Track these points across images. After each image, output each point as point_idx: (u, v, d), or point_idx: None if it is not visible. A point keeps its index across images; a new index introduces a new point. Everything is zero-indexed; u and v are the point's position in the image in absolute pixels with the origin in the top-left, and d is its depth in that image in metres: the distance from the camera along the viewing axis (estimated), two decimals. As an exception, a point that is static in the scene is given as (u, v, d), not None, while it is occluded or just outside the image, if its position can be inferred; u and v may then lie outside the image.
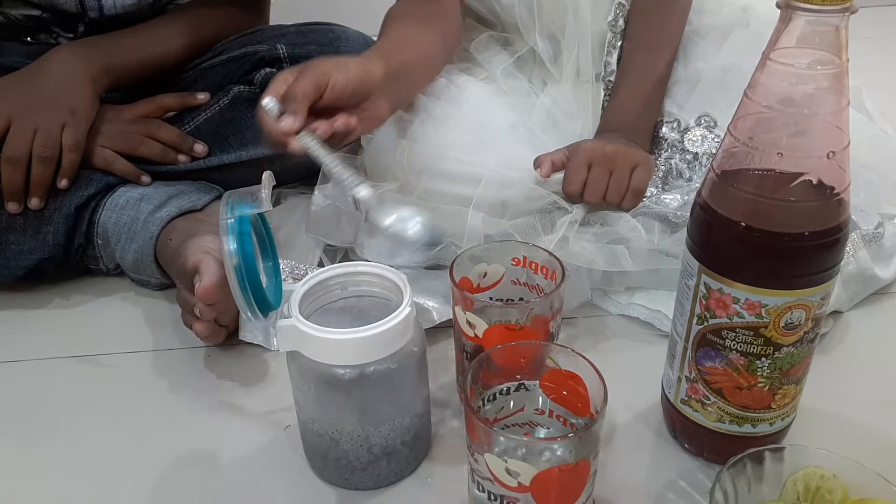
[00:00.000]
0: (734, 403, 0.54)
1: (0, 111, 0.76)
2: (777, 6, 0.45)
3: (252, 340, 0.72)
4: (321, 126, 0.62)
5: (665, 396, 0.59)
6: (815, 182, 0.46)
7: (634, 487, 0.57)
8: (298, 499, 0.57)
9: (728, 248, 0.49)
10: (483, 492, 0.48)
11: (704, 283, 0.51)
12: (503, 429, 0.52)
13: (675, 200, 0.75)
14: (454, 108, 0.80)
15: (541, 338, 0.57)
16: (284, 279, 0.71)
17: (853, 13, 0.43)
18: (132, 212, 0.79)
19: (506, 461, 0.45)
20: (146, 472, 0.59)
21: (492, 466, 0.46)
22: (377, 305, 0.58)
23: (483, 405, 0.51)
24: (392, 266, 0.57)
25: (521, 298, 0.63)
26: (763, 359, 0.51)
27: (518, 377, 0.52)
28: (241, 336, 0.72)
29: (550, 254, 0.60)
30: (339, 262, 0.75)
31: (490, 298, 0.63)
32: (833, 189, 0.47)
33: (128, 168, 0.82)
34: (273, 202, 0.55)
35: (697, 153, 0.78)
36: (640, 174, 0.74)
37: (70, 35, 0.88)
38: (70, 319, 0.78)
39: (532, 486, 0.45)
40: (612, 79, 0.84)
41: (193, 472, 0.60)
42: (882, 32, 1.45)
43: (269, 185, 0.51)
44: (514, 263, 0.62)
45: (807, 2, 0.43)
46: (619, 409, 0.63)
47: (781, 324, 0.49)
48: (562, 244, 0.71)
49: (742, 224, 0.48)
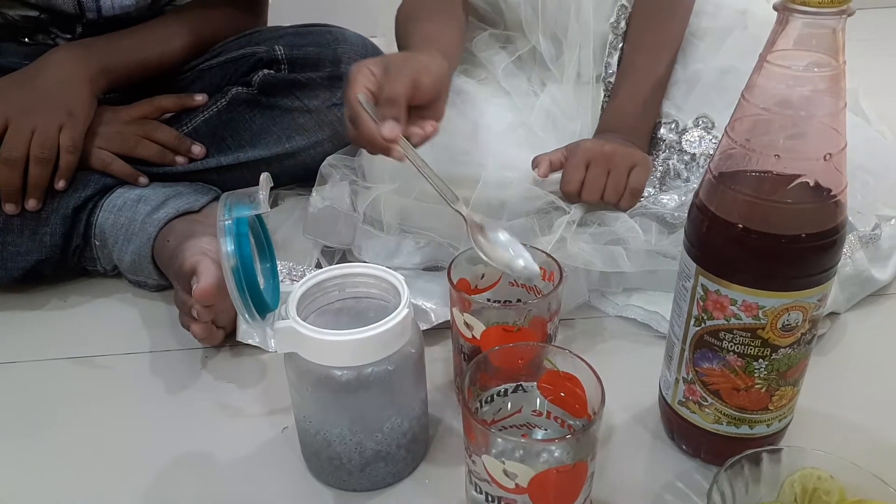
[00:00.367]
0: (731, 405, 0.54)
1: None
2: (774, 8, 0.45)
3: (249, 342, 0.72)
4: (417, 133, 0.62)
5: (662, 398, 0.59)
6: (812, 184, 0.46)
7: (632, 489, 0.57)
8: (296, 501, 0.57)
9: (725, 250, 0.49)
10: (481, 493, 0.48)
11: (702, 285, 0.51)
12: (501, 430, 0.52)
13: (673, 201, 0.75)
14: (452, 110, 0.80)
15: (538, 339, 0.57)
16: (282, 280, 0.71)
17: (850, 15, 0.43)
18: (130, 213, 0.78)
19: (503, 463, 0.45)
20: (143, 474, 0.59)
21: (489, 468, 0.46)
22: (375, 307, 0.58)
23: (481, 407, 0.51)
24: (389, 267, 0.57)
25: (519, 300, 0.63)
26: (760, 360, 0.51)
27: (516, 379, 0.52)
28: (239, 337, 0.72)
29: (548, 255, 0.60)
30: (337, 264, 0.75)
31: (488, 300, 0.63)
32: (830, 191, 0.47)
33: (125, 169, 0.82)
34: (270, 204, 0.55)
35: (695, 154, 0.79)
36: (638, 174, 0.75)
37: (68, 36, 0.88)
38: (67, 321, 0.78)
39: (530, 488, 0.45)
40: (613, 80, 0.84)
41: (191, 474, 0.60)
42: (879, 34, 1.46)
43: (267, 187, 0.51)
44: (512, 265, 0.62)
45: (804, 4, 0.43)
46: (617, 411, 0.63)
47: (778, 325, 0.49)
48: (559, 245, 0.71)
49: (739, 226, 0.48)
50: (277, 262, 0.59)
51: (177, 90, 0.89)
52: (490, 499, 0.47)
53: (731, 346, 0.51)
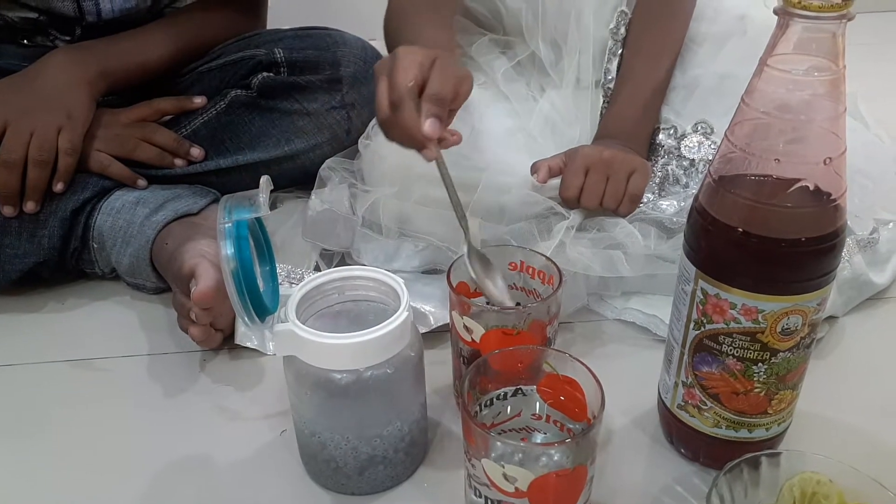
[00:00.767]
0: (731, 408, 0.54)
1: None
2: (774, 12, 0.45)
3: (248, 344, 0.72)
4: (448, 139, 0.62)
5: (661, 401, 0.59)
6: (812, 188, 0.47)
7: (631, 492, 0.57)
8: (294, 504, 0.57)
9: (725, 254, 0.49)
10: (480, 497, 0.48)
11: (701, 289, 0.51)
12: (500, 434, 0.52)
13: (672, 206, 0.75)
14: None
15: (538, 343, 0.57)
16: (280, 283, 0.71)
17: (850, 20, 0.43)
18: (128, 215, 0.78)
19: (503, 466, 0.45)
20: (141, 477, 0.59)
21: (489, 472, 0.45)
22: (374, 310, 0.58)
23: (480, 410, 0.51)
24: (388, 271, 0.57)
25: (518, 303, 0.63)
26: (760, 364, 0.51)
27: (515, 382, 0.52)
28: (237, 340, 0.72)
29: (548, 259, 0.60)
30: (336, 267, 0.75)
31: (487, 303, 0.63)
32: (830, 195, 0.47)
33: (124, 172, 0.82)
34: (269, 206, 0.55)
35: (694, 160, 0.79)
36: (637, 180, 0.75)
37: (67, 38, 0.88)
38: (65, 323, 0.78)
39: (529, 492, 0.45)
40: (612, 86, 0.84)
41: (189, 477, 0.59)
42: (877, 39, 1.46)
43: (267, 190, 0.51)
44: (511, 268, 0.62)
45: (804, 8, 0.43)
46: (616, 414, 0.63)
47: (778, 329, 0.49)
48: (559, 250, 0.71)
49: (739, 230, 0.48)
50: (276, 265, 0.59)
51: (176, 93, 0.89)
52: (490, 503, 0.47)
53: (731, 350, 0.51)
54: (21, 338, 0.76)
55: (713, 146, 0.78)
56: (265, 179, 0.51)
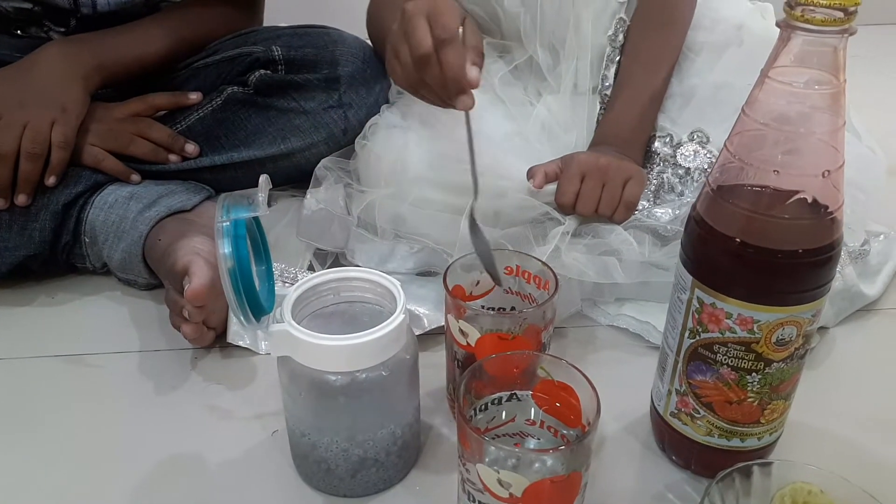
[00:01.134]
0: (724, 417, 0.54)
1: None
2: (777, 25, 0.45)
3: (240, 343, 0.71)
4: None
5: (654, 408, 0.60)
6: (810, 200, 0.47)
7: (622, 499, 0.57)
8: (285, 505, 0.57)
9: (722, 263, 0.50)
10: (474, 502, 0.48)
11: (697, 298, 0.51)
12: (494, 439, 0.52)
13: (667, 214, 0.75)
14: (448, 117, 0.80)
15: (533, 348, 0.57)
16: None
17: (852, 34, 0.44)
18: (121, 210, 0.78)
19: (498, 472, 0.45)
20: (130, 475, 0.59)
21: (484, 477, 0.45)
22: (369, 312, 0.57)
23: (475, 415, 0.51)
24: (382, 272, 0.57)
25: (514, 307, 0.63)
26: (754, 374, 0.51)
27: (510, 387, 0.52)
28: (229, 339, 0.71)
29: (544, 264, 0.60)
30: (330, 267, 0.75)
31: (482, 307, 0.63)
32: (827, 208, 0.47)
33: (118, 166, 0.81)
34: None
35: (689, 168, 0.79)
36: (633, 187, 0.75)
37: (61, 30, 0.87)
38: (55, 318, 0.77)
39: (524, 498, 0.45)
40: (609, 92, 0.85)
41: (178, 477, 0.59)
42: (869, 51, 1.47)
43: (266, 189, 0.51)
44: (507, 272, 0.62)
45: (806, 22, 0.43)
46: (607, 421, 0.63)
47: (773, 340, 0.50)
48: (554, 255, 0.71)
49: (737, 240, 0.48)
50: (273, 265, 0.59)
51: (171, 88, 0.88)
52: (483, 508, 0.47)
53: (725, 360, 0.51)
54: (10, 332, 0.75)
55: (709, 155, 0.79)
56: (264, 178, 0.51)
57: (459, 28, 0.59)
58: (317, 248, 0.80)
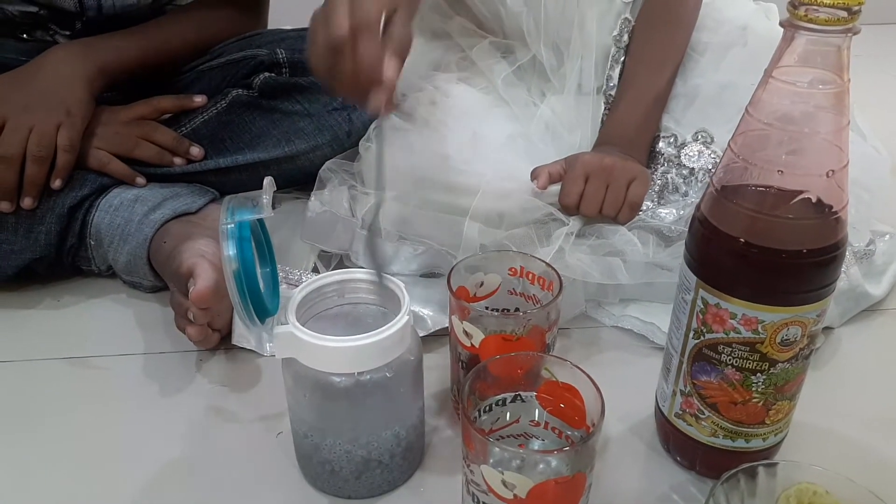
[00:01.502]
0: (728, 418, 0.54)
1: None
2: (781, 25, 0.45)
3: (244, 345, 0.72)
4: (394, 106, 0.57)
5: (659, 409, 0.60)
6: (815, 200, 0.47)
7: (627, 500, 0.57)
8: (290, 507, 0.57)
9: (726, 264, 0.50)
10: (478, 503, 0.48)
11: (702, 298, 0.51)
12: (498, 440, 0.52)
13: (671, 215, 0.75)
14: (452, 118, 0.80)
15: (537, 349, 0.57)
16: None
17: (855, 34, 0.44)
18: (126, 213, 0.78)
19: (502, 473, 0.45)
20: (135, 477, 0.59)
21: (488, 478, 0.45)
22: (373, 313, 0.58)
23: (479, 416, 0.51)
24: (387, 274, 0.57)
25: (518, 309, 0.63)
26: (758, 374, 0.51)
27: (514, 388, 0.52)
28: (234, 341, 0.72)
29: (548, 265, 0.60)
30: (334, 269, 0.75)
31: (486, 308, 0.63)
32: (831, 207, 0.47)
33: (123, 169, 0.81)
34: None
35: (693, 168, 0.79)
36: (637, 188, 0.75)
37: (67, 33, 0.88)
38: (60, 320, 0.77)
39: (528, 499, 0.45)
40: (613, 93, 0.85)
41: (183, 478, 0.59)
42: (873, 50, 1.47)
43: (271, 191, 0.51)
44: (511, 273, 0.62)
45: (810, 21, 0.43)
46: (612, 422, 0.63)
47: (777, 340, 0.50)
48: (558, 256, 0.71)
49: (741, 240, 0.48)
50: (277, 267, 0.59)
51: (176, 91, 0.89)
52: (487, 509, 0.47)
53: (730, 360, 0.51)
54: (16, 334, 0.75)
55: (713, 155, 0.79)
56: (269, 181, 0.51)
57: (383, 15, 0.53)
58: (321, 250, 0.80)
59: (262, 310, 0.52)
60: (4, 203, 0.76)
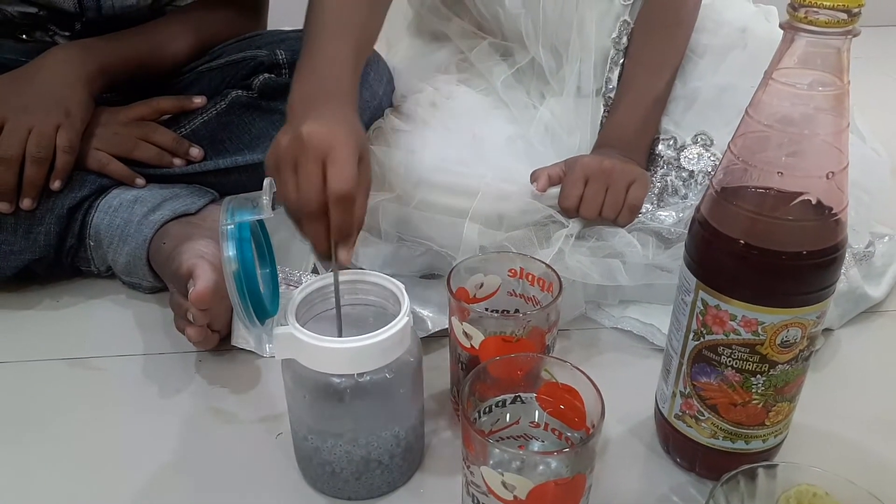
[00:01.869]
0: (728, 420, 0.54)
1: None
2: (781, 27, 0.45)
3: (244, 346, 0.72)
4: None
5: (658, 411, 0.60)
6: (815, 202, 0.47)
7: (626, 501, 0.57)
8: (289, 508, 0.57)
9: (726, 265, 0.50)
10: (478, 504, 0.48)
11: (702, 300, 0.51)
12: (498, 441, 0.52)
13: (671, 217, 0.75)
14: (452, 120, 0.80)
15: (537, 350, 0.57)
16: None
17: (855, 36, 0.44)
18: (125, 214, 0.78)
19: (502, 474, 0.45)
20: (134, 478, 0.59)
21: (488, 480, 0.45)
22: (373, 314, 0.58)
23: (479, 417, 0.51)
24: (386, 275, 0.57)
25: (517, 310, 0.63)
26: (758, 376, 0.51)
27: (514, 390, 0.52)
28: (234, 342, 0.71)
29: (548, 266, 0.60)
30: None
31: (486, 309, 0.63)
32: (831, 209, 0.47)
33: (122, 170, 0.81)
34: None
35: (693, 171, 0.79)
36: (637, 190, 0.75)
37: (66, 34, 0.88)
38: (60, 321, 0.77)
39: (528, 500, 0.45)
40: (613, 95, 0.85)
41: (183, 479, 0.59)
42: (871, 53, 1.47)
43: (270, 192, 0.51)
44: (511, 275, 0.62)
45: (810, 23, 0.43)
46: (612, 423, 0.63)
47: (777, 341, 0.50)
48: (558, 258, 0.71)
49: (741, 241, 0.48)
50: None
51: (175, 92, 0.88)
52: (487, 510, 0.47)
53: (730, 362, 0.51)
54: (15, 335, 0.75)
55: (713, 158, 0.79)
56: (268, 182, 0.51)
57: (314, 206, 0.54)
58: (321, 252, 0.80)
59: (262, 311, 0.52)
60: (4, 204, 0.76)
